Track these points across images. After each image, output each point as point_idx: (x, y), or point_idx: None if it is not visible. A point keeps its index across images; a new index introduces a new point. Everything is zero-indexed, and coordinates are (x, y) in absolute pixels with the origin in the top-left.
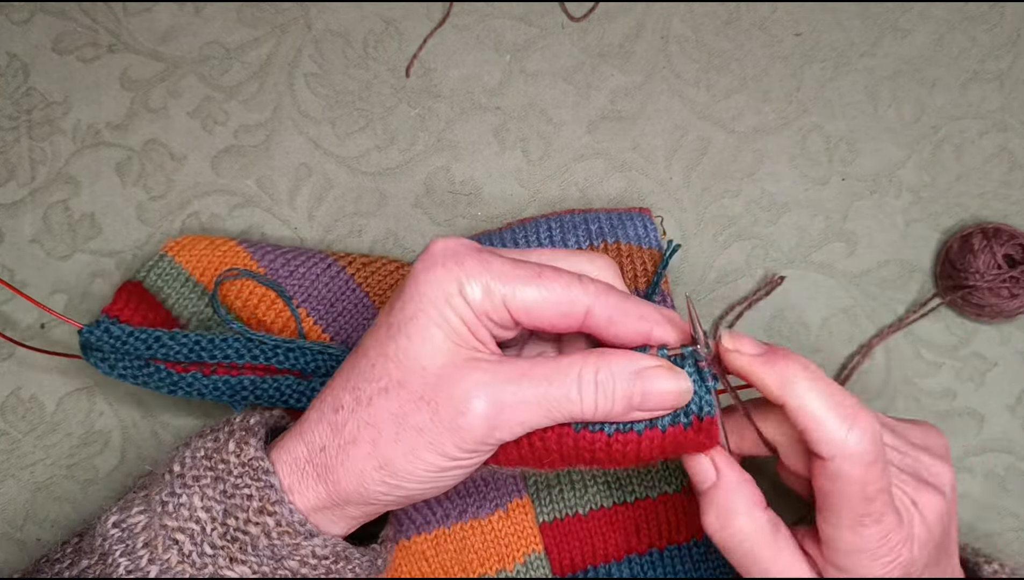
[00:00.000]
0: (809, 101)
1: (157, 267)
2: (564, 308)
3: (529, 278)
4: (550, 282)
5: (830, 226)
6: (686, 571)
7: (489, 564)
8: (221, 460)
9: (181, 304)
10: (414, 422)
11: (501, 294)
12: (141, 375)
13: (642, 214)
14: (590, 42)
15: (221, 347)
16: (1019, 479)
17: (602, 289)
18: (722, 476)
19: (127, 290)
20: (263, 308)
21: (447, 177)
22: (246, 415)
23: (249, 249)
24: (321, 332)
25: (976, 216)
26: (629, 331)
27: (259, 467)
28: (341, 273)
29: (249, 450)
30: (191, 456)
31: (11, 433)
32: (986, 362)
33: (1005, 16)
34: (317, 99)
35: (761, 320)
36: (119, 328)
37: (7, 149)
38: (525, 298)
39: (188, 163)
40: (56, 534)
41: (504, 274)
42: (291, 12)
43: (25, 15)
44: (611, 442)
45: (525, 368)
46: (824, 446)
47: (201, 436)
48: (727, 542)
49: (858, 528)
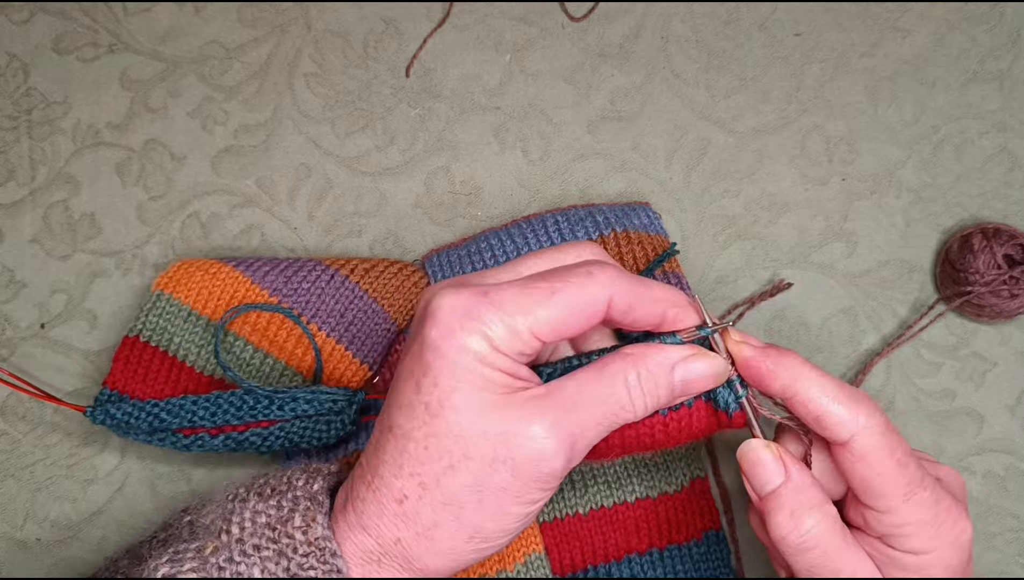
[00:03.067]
0: (809, 101)
1: (155, 309)
2: (588, 310)
3: (545, 298)
4: (565, 292)
5: (830, 226)
6: (686, 571)
7: (489, 564)
8: (286, 534)
9: (187, 342)
10: (495, 484)
11: (526, 327)
12: (154, 439)
13: (644, 207)
14: (590, 42)
15: (219, 412)
16: (1019, 479)
17: (614, 275)
18: (792, 475)
19: (125, 351)
20: (273, 329)
21: (447, 177)
22: (309, 478)
23: (246, 273)
24: (335, 344)
25: (976, 216)
26: (646, 314)
27: (327, 549)
28: (345, 282)
29: (317, 528)
30: (251, 520)
31: (11, 433)
32: (986, 362)
33: (1005, 16)
34: (317, 99)
35: (761, 320)
36: (118, 407)
37: (7, 149)
38: (550, 319)
39: (188, 163)
40: (56, 534)
41: (520, 306)
42: (291, 12)
43: (25, 15)
44: (667, 422)
45: (574, 393)
46: (840, 427)
47: (260, 496)
48: (800, 543)
49: (910, 499)
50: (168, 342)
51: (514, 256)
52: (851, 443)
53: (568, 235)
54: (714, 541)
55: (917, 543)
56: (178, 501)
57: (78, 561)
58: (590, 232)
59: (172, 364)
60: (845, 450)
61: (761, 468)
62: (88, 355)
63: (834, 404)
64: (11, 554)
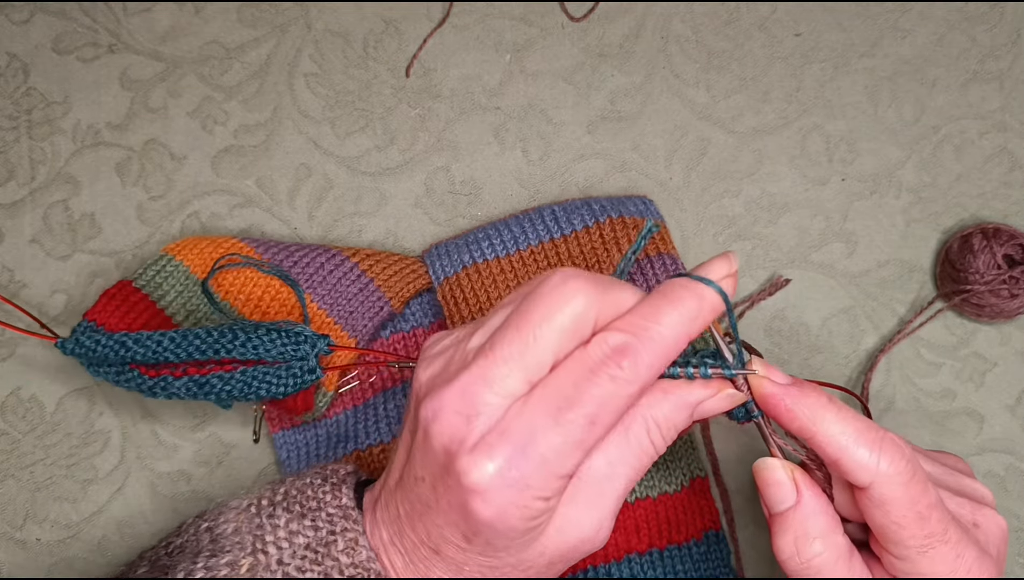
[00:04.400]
0: (809, 101)
1: (156, 265)
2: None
3: (575, 441)
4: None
5: (830, 226)
6: (686, 571)
7: None
8: (330, 557)
9: (179, 302)
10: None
11: (562, 469)
12: (120, 379)
13: (642, 198)
14: (590, 42)
15: (184, 344)
16: (1019, 479)
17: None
18: (803, 498)
19: (113, 292)
20: (267, 300)
21: (447, 177)
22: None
23: (252, 245)
24: (326, 316)
25: (976, 216)
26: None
27: (372, 569)
28: (346, 262)
29: (361, 552)
30: (288, 540)
31: (11, 433)
32: (986, 362)
33: (1005, 16)
34: (317, 99)
35: (761, 320)
36: (90, 337)
37: (7, 149)
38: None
39: (188, 163)
40: (56, 534)
41: (557, 450)
42: (291, 12)
43: (25, 15)
44: None
45: (607, 471)
46: (859, 472)
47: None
48: (801, 569)
49: (928, 552)
50: (161, 296)
51: (512, 248)
52: (870, 490)
53: (564, 224)
54: (714, 541)
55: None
56: (178, 501)
57: (78, 561)
58: (586, 220)
59: (156, 314)
60: (864, 493)
61: (775, 488)
62: None
63: (854, 447)
64: (11, 554)
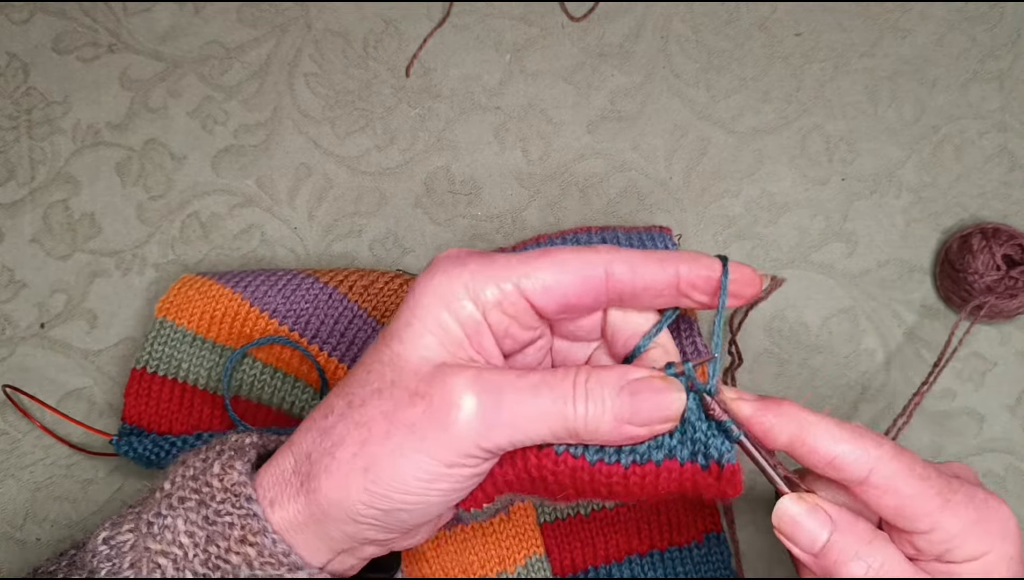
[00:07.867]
0: (809, 101)
1: (160, 337)
2: (584, 272)
3: (536, 257)
4: (558, 253)
5: (830, 226)
6: (687, 572)
7: (489, 566)
8: (206, 483)
9: (195, 366)
10: (406, 417)
11: (513, 281)
12: None
13: (663, 234)
14: (590, 42)
15: None
16: (1019, 479)
17: (611, 247)
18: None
19: (135, 384)
20: (278, 348)
21: (447, 177)
22: (242, 435)
23: (244, 294)
24: (338, 363)
25: (976, 216)
26: (655, 277)
27: (241, 494)
28: (343, 301)
29: (233, 474)
30: (181, 475)
31: (11, 433)
32: (986, 362)
33: (1005, 16)
34: (317, 99)
35: (761, 320)
36: (140, 442)
37: (7, 149)
38: (539, 275)
39: (188, 163)
40: (56, 534)
41: (509, 264)
42: (291, 12)
43: (25, 15)
44: (628, 474)
45: (519, 373)
46: (856, 466)
47: (196, 453)
48: (877, 575)
49: (947, 507)
50: (176, 369)
51: None
52: (871, 477)
53: None
54: (714, 543)
55: (972, 547)
56: None
57: None
58: None
59: (183, 390)
60: (867, 487)
61: (802, 528)
62: (88, 355)
63: (842, 445)
64: (11, 554)
